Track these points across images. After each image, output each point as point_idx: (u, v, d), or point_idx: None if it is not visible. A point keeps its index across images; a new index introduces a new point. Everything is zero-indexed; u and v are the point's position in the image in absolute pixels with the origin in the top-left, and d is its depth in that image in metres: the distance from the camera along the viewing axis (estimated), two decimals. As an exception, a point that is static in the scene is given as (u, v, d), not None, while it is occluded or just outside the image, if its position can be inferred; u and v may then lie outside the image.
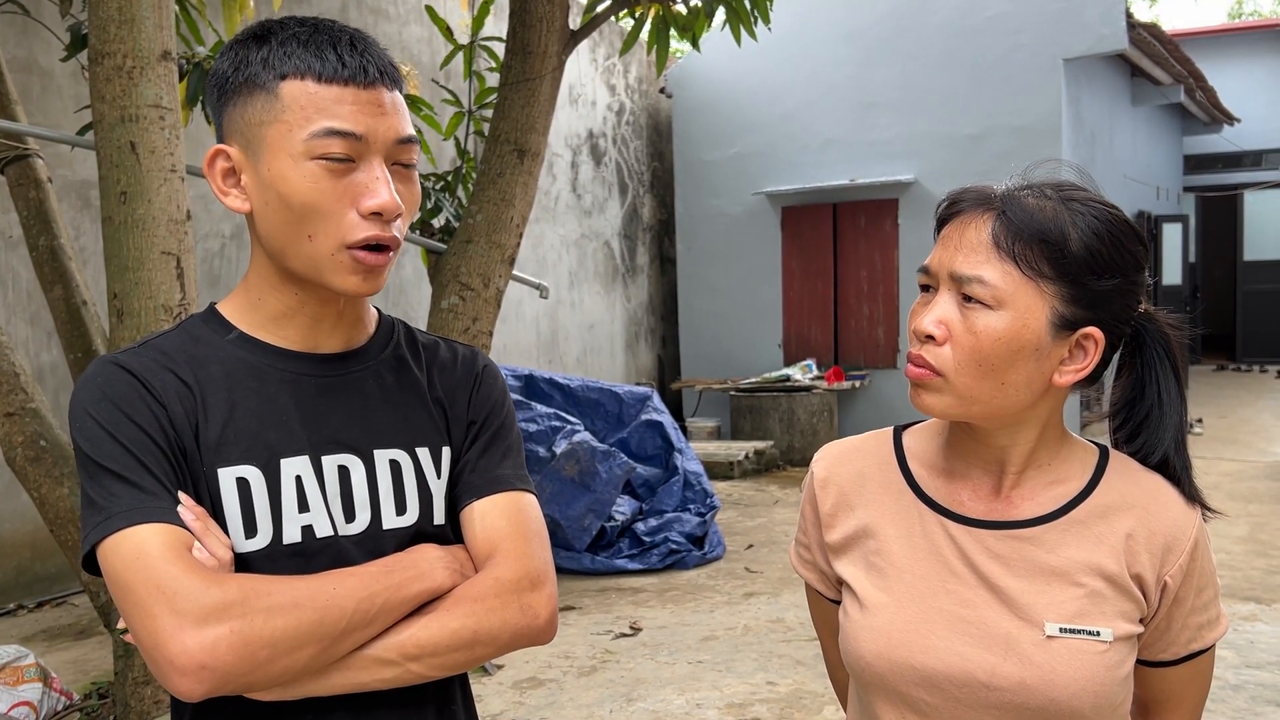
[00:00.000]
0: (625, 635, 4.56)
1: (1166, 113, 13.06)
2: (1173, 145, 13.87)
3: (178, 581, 0.93)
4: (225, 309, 1.11)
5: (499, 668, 4.17)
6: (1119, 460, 1.14)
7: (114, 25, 2.89)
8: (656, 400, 6.68)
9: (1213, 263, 16.38)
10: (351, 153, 1.00)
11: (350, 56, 1.01)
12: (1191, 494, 1.11)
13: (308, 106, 1.00)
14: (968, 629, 1.07)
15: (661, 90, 10.98)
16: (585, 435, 5.92)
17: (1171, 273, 12.47)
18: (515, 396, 6.30)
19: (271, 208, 1.02)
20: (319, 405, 1.08)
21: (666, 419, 6.54)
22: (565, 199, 9.60)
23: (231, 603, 0.93)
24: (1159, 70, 10.63)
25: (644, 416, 6.58)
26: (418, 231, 4.80)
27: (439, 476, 1.13)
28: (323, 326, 1.10)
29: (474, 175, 4.88)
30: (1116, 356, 1.13)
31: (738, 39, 4.96)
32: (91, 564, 0.99)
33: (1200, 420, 10.13)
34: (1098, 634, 1.04)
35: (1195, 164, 14.94)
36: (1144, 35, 9.33)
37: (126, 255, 2.95)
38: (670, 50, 5.91)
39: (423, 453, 1.12)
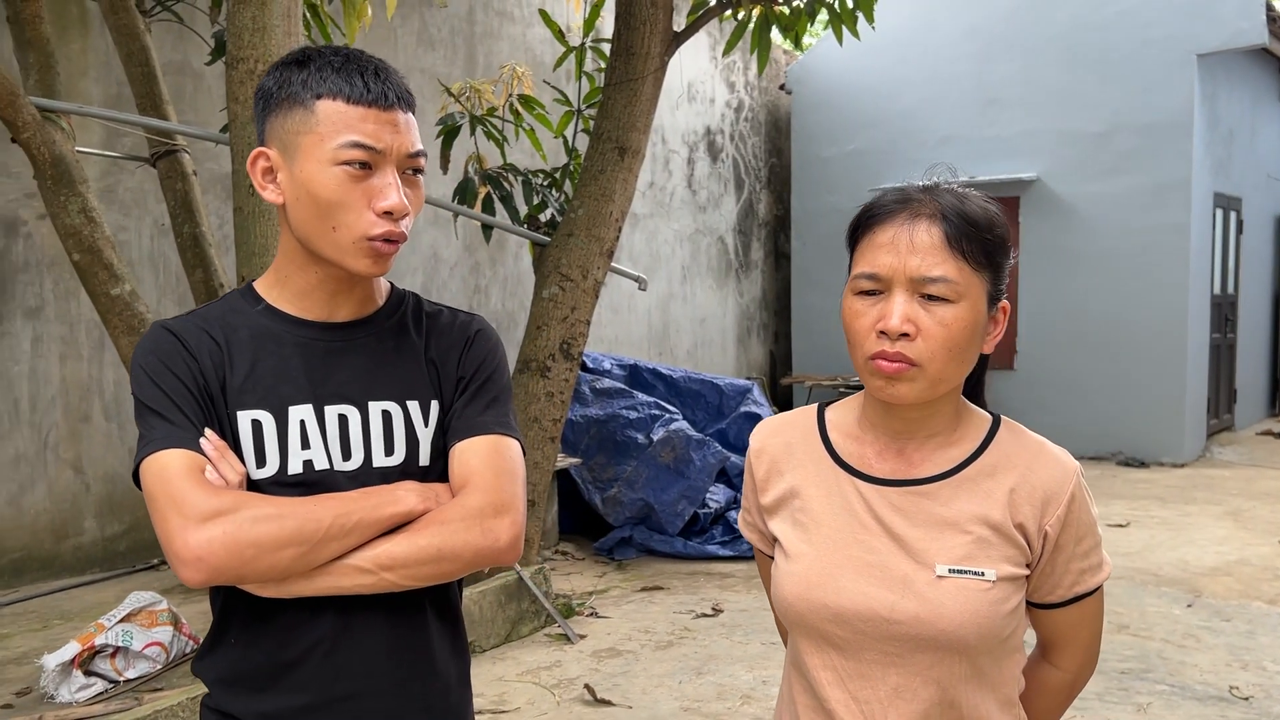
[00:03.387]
0: (706, 615, 4.73)
1: (1320, 110, 12.36)
2: (1327, 144, 13.10)
3: (186, 493, 1.17)
4: (259, 285, 1.36)
5: (581, 637, 4.40)
6: (1009, 426, 1.30)
7: (248, 33, 3.19)
8: (757, 393, 6.80)
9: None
10: (370, 161, 1.23)
11: (374, 83, 1.24)
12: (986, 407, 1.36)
13: (338, 122, 1.22)
14: (872, 572, 1.23)
15: (781, 87, 11.04)
16: (682, 424, 6.10)
17: (1319, 278, 11.78)
18: (619, 385, 6.52)
19: (302, 202, 1.25)
20: (326, 364, 1.31)
21: (765, 411, 6.65)
22: (680, 194, 9.78)
23: (225, 510, 1.16)
24: (1308, 65, 10.11)
25: (744, 408, 6.71)
26: (525, 225, 5.02)
27: (426, 426, 1.35)
28: (337, 300, 1.33)
29: (579, 171, 5.08)
30: None
31: (839, 38, 5.05)
32: (139, 481, 1.27)
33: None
34: (982, 574, 1.20)
35: (1353, 164, 14.05)
36: (1288, 29, 8.90)
37: (254, 242, 3.26)
38: (771, 47, 5.98)
39: (413, 405, 1.34)
